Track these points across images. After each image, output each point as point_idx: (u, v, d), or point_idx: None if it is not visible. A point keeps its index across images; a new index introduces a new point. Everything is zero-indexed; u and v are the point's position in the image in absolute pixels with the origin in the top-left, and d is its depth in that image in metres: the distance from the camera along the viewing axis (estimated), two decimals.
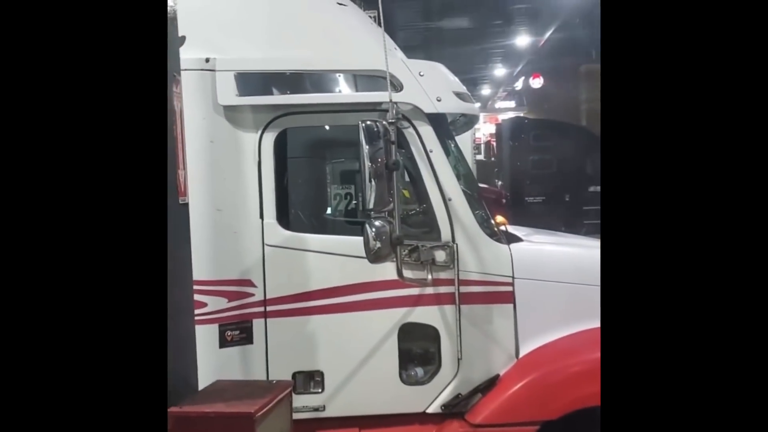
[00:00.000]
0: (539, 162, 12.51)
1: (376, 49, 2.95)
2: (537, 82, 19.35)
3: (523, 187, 12.40)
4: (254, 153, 3.10)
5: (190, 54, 2.71)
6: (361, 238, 2.82)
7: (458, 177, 3.25)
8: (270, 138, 3.13)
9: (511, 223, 4.17)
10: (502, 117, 19.52)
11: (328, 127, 3.50)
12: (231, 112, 3.06)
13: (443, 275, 3.10)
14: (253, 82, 3.06)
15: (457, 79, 3.42)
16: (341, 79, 3.15)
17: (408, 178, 3.27)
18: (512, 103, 25.75)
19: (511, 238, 3.34)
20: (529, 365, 3.07)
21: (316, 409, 3.07)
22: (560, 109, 16.50)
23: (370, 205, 2.74)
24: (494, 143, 17.08)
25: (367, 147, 2.71)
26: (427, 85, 3.10)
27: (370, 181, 2.70)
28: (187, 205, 2.46)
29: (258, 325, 3.08)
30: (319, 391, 3.08)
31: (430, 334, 3.13)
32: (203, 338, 2.67)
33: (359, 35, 3.28)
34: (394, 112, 2.86)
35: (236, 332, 3.03)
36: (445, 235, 3.11)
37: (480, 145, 18.53)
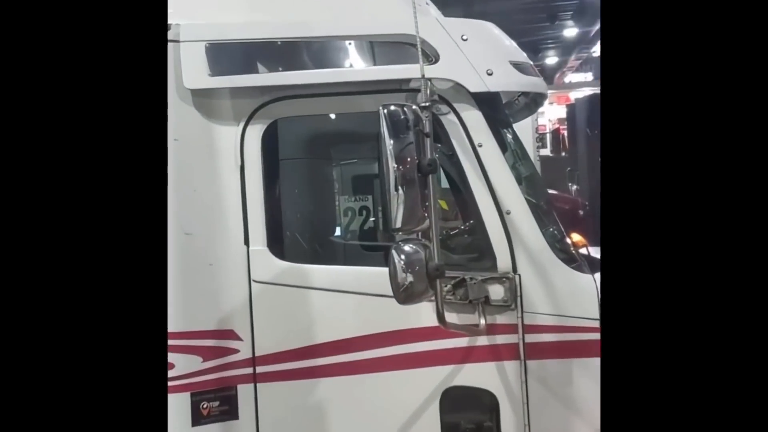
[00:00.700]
0: None
1: (401, 5, 2.95)
2: None
3: None
4: (235, 154, 3.14)
5: None
6: (385, 270, 2.79)
7: (519, 181, 3.26)
8: (256, 133, 3.17)
9: (594, 243, 4.12)
10: (576, 95, 19.46)
11: (335, 117, 3.51)
12: (202, 99, 3.10)
13: (501, 319, 3.10)
14: (231, 57, 3.08)
15: (514, 44, 3.45)
16: (352, 48, 3.16)
17: (449, 184, 3.29)
18: (589, 76, 25.58)
19: (596, 265, 3.27)
20: None
21: None
22: None
23: (397, 224, 2.71)
24: (565, 132, 17.01)
25: (392, 142, 2.70)
26: (473, 53, 3.10)
27: (397, 190, 2.69)
28: None
29: (245, 392, 3.12)
30: None
31: (484, 401, 3.13)
32: (170, 412, 2.53)
33: None
34: (428, 92, 2.85)
35: (215, 403, 3.06)
36: (503, 262, 3.11)
37: (545, 135, 18.46)
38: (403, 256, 2.72)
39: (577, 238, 3.91)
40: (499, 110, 3.37)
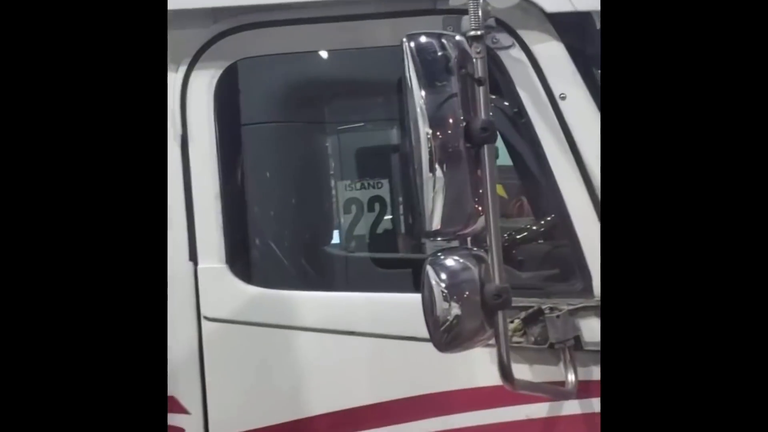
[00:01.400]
0: None
1: None
2: None
3: None
4: (172, 118, 3.21)
5: None
6: (413, 297, 2.77)
7: None
8: (205, 84, 3.25)
9: None
10: None
11: (330, 56, 3.59)
12: None
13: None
14: None
15: None
16: None
17: (511, 160, 3.33)
18: None
19: None
20: None
21: None
22: None
23: (434, 224, 2.66)
24: None
25: (423, 94, 2.66)
26: None
27: (433, 170, 2.63)
28: None
29: None
30: None
31: None
32: None
33: None
34: (481, 13, 2.78)
35: None
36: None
37: None
38: (444, 276, 2.71)
39: None
40: (591, 44, 3.23)
